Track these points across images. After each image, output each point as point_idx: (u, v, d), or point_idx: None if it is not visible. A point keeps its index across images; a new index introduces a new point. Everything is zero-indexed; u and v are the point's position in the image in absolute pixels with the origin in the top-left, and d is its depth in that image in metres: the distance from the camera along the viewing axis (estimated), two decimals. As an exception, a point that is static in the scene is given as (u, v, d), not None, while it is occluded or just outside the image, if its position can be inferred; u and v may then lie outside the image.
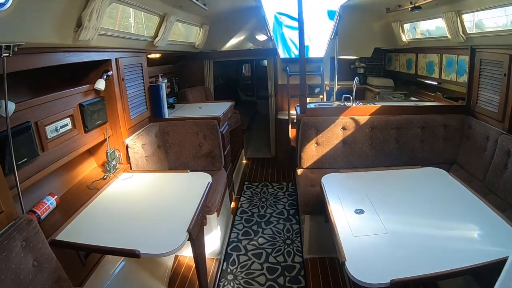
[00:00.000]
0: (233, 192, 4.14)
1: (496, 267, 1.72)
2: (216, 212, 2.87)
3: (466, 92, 3.36)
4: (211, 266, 2.93)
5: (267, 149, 5.75)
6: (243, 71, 8.65)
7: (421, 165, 2.76)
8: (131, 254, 1.75)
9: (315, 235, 3.00)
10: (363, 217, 2.10)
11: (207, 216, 2.78)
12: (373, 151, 3.30)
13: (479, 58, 3.10)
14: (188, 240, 1.90)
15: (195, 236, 2.04)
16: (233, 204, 4.03)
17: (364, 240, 1.89)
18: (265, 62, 6.06)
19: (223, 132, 3.60)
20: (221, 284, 2.81)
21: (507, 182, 2.65)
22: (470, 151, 3.16)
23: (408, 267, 1.66)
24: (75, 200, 2.27)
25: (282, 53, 5.65)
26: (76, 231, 1.96)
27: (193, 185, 2.48)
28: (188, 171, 2.71)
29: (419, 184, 2.52)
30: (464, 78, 3.54)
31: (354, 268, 1.65)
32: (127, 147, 2.83)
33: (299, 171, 3.28)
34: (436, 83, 4.40)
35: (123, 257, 2.39)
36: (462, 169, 3.16)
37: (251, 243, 3.35)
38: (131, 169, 2.84)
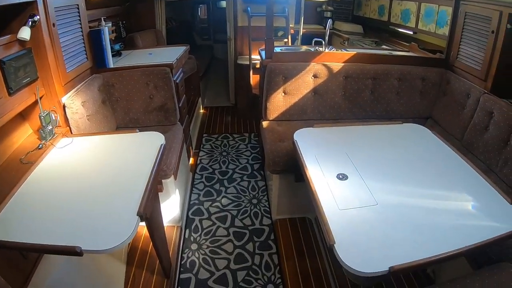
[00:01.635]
0: (191, 147, 3.77)
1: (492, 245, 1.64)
2: (173, 175, 2.52)
3: (445, 46, 3.17)
4: (172, 236, 2.63)
5: (226, 96, 5.36)
6: (199, 13, 7.97)
7: (396, 118, 2.56)
8: (71, 252, 1.37)
9: (284, 195, 2.77)
10: (348, 184, 1.83)
11: (163, 180, 2.44)
12: (346, 102, 3.03)
13: (464, 11, 2.89)
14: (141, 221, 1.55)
15: (149, 215, 1.69)
16: (191, 161, 3.68)
17: (353, 215, 1.63)
18: (223, 3, 5.52)
19: (177, 81, 3.14)
20: (185, 255, 2.54)
21: (487, 144, 2.57)
22: (447, 107, 3.02)
23: (405, 249, 1.46)
24: (6, 180, 1.80)
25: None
26: (7, 223, 1.53)
27: (143, 148, 2.07)
28: (137, 130, 2.26)
29: (402, 142, 2.30)
30: (444, 31, 3.37)
31: (346, 253, 1.40)
32: (64, 106, 2.32)
33: (265, 124, 2.95)
34: (411, 33, 4.15)
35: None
36: (437, 125, 3.04)
37: (214, 204, 3.07)
38: (71, 133, 2.34)
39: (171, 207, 2.69)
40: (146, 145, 2.08)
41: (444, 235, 1.57)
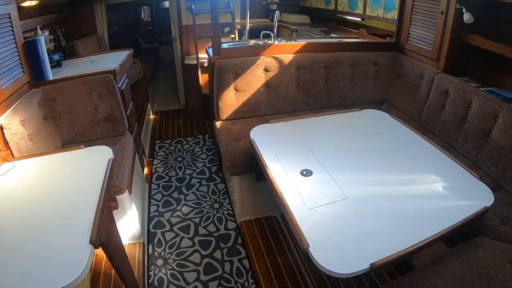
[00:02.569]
0: (144, 156, 3.55)
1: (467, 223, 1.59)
2: (127, 190, 2.31)
3: (395, 29, 3.18)
4: (134, 254, 2.43)
5: (176, 99, 5.13)
6: (142, 16, 7.59)
7: (351, 106, 2.51)
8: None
9: (246, 195, 2.65)
10: (313, 180, 1.73)
11: (117, 196, 2.23)
12: (300, 93, 2.95)
13: None
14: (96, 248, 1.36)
15: (104, 239, 1.51)
16: (146, 170, 3.45)
17: (323, 213, 1.53)
18: (166, 3, 5.28)
19: (122, 88, 2.91)
20: (151, 273, 2.36)
21: (445, 122, 2.60)
22: (401, 90, 3.04)
23: (383, 241, 1.39)
24: None
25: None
26: None
27: (91, 165, 1.85)
28: (82, 146, 2.03)
29: (362, 129, 2.25)
30: (393, 15, 3.37)
31: (322, 255, 1.29)
32: (1, 128, 2.05)
33: (218, 124, 2.79)
34: (359, 19, 4.15)
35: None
36: (393, 108, 3.07)
37: (175, 214, 2.89)
38: (12, 156, 2.06)
39: (129, 224, 2.48)
40: (93, 162, 1.86)
41: (420, 220, 1.52)
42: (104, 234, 1.52)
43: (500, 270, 1.67)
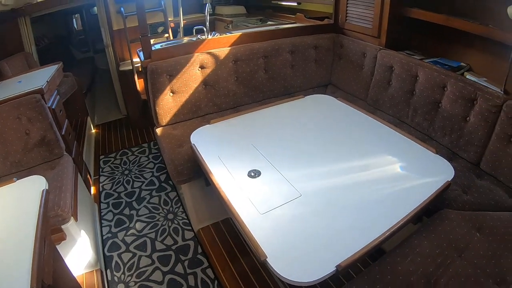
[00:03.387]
0: (89, 175, 3.28)
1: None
2: (73, 217, 2.08)
3: (333, 10, 3.14)
4: (93, 283, 2.23)
5: (116, 109, 4.83)
6: (75, 25, 7.11)
7: (296, 93, 2.41)
8: None
9: (199, 202, 2.51)
10: (262, 180, 1.61)
11: (63, 226, 2.02)
12: (240, 86, 2.81)
13: None
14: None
15: (50, 280, 1.32)
16: (93, 190, 3.19)
17: (278, 216, 1.42)
18: (96, 9, 4.94)
19: (53, 107, 2.65)
20: (115, 300, 2.15)
21: (393, 97, 2.59)
22: (345, 70, 3.01)
23: (348, 236, 1.31)
24: None
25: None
26: None
27: (25, 200, 1.60)
28: (15, 179, 1.78)
29: (309, 116, 2.17)
30: None
31: (283, 264, 1.19)
32: None
33: (159, 131, 2.61)
34: (295, 4, 4.11)
35: None
36: (339, 89, 3.05)
37: (129, 233, 2.69)
38: None
39: (82, 252, 2.26)
40: (27, 196, 1.61)
41: (383, 207, 1.46)
42: (49, 275, 1.33)
43: (470, 241, 1.66)
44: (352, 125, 2.09)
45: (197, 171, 2.25)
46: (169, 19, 4.31)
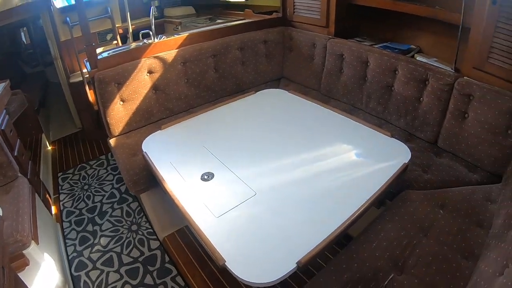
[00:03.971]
0: (48, 195, 3.13)
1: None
2: (33, 241, 1.98)
3: (280, 4, 3.14)
4: None
5: (71, 122, 4.64)
6: (23, 39, 6.76)
7: (249, 89, 2.40)
8: None
9: (161, 210, 2.46)
10: (216, 182, 1.59)
11: (24, 252, 1.91)
12: (192, 88, 2.76)
13: None
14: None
15: None
16: (54, 210, 3.04)
17: (234, 217, 1.40)
18: (43, 20, 4.72)
19: (3, 128, 2.50)
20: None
21: (346, 85, 2.62)
22: (296, 62, 3.02)
23: (307, 230, 1.31)
24: None
25: (59, 2, 4.40)
26: None
27: None
28: None
29: (262, 112, 2.16)
30: None
31: (242, 267, 1.18)
32: None
33: (112, 142, 2.52)
34: (243, 0, 4.11)
35: None
36: (292, 82, 3.06)
37: (94, 249, 2.59)
38: None
39: (48, 276, 2.15)
40: None
41: (341, 196, 1.46)
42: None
43: (434, 219, 1.68)
44: (305, 116, 2.09)
45: (154, 179, 2.17)
46: (117, 25, 4.20)
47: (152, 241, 2.54)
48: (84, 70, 3.71)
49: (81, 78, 3.80)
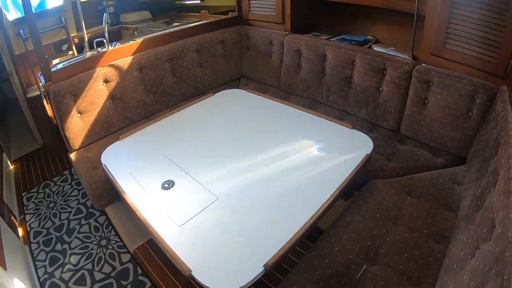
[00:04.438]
0: (13, 217, 3.01)
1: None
2: (0, 266, 1.91)
3: (236, 3, 3.12)
4: None
5: (32, 139, 4.49)
6: (-21, 55, 6.52)
7: (208, 91, 2.37)
8: None
9: (128, 221, 2.40)
10: (177, 190, 1.56)
11: None
12: (150, 95, 2.69)
13: None
14: None
15: None
16: (21, 232, 2.92)
17: (197, 224, 1.37)
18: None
19: None
20: None
21: (305, 80, 2.63)
22: (255, 60, 3.01)
23: (273, 230, 1.29)
24: None
25: (12, 13, 4.22)
26: None
27: None
28: None
29: (221, 114, 2.14)
30: None
31: (209, 275, 1.16)
32: None
33: (73, 156, 2.43)
34: (199, 1, 4.06)
35: None
36: (251, 81, 3.06)
37: (65, 269, 2.49)
38: None
39: None
40: None
41: (305, 192, 1.46)
42: None
43: (402, 206, 1.70)
44: (265, 115, 2.08)
45: (116, 192, 2.14)
46: (73, 34, 4.07)
47: (123, 254, 2.48)
48: (41, 84, 3.59)
49: (38, 92, 3.67)
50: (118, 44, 2.92)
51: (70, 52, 3.96)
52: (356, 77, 2.40)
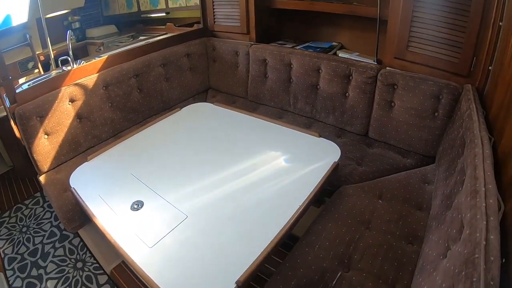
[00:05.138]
0: (-15, 244, 2.94)
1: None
2: None
3: (200, 14, 3.12)
4: None
5: (1, 161, 4.31)
6: None
7: (176, 105, 2.36)
8: None
9: (102, 242, 2.28)
10: (146, 210, 1.55)
11: None
12: (117, 112, 2.65)
13: None
14: None
15: None
16: (-5, 259, 2.86)
17: (168, 244, 1.36)
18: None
19: None
20: None
21: (272, 88, 2.67)
22: (221, 72, 3.02)
23: (243, 247, 1.30)
24: None
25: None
26: None
27: None
28: None
29: (188, 129, 2.14)
30: (195, 0, 3.36)
31: None
32: None
33: (42, 179, 2.38)
34: (164, 14, 4.05)
35: None
36: (219, 92, 3.07)
37: (42, 295, 2.42)
38: None
39: None
40: None
41: (276, 204, 1.47)
42: None
43: (373, 209, 1.72)
44: (232, 128, 2.09)
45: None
46: (38, 52, 3.99)
47: (99, 276, 2.44)
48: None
49: (4, 113, 3.58)
50: (83, 62, 2.87)
51: (36, 70, 3.89)
52: (322, 84, 2.44)
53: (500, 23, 1.71)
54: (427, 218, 1.61)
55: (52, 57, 3.92)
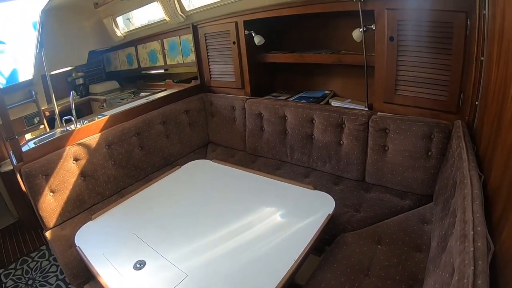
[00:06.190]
0: (-10, 297, 2.98)
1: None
2: None
3: (197, 70, 3.28)
4: None
5: (7, 213, 4.45)
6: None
7: (176, 161, 2.47)
8: None
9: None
10: (148, 270, 1.62)
11: None
12: (120, 170, 2.77)
13: (203, 33, 3.07)
14: None
15: None
16: (-1, 312, 2.90)
17: None
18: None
19: None
20: None
21: (269, 141, 2.77)
22: (220, 127, 3.14)
23: None
24: None
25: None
26: None
27: None
28: None
29: (188, 188, 2.23)
30: (192, 58, 3.48)
31: None
32: None
33: (48, 234, 2.48)
34: (163, 71, 4.25)
35: None
36: (218, 146, 3.16)
37: None
38: None
39: None
40: None
41: (272, 259, 1.53)
42: None
43: (372, 256, 1.74)
44: (229, 185, 2.18)
45: (93, 269, 2.19)
46: (43, 107, 4.19)
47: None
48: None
49: (11, 167, 3.70)
50: (85, 121, 3.03)
51: (42, 126, 4.05)
52: (316, 134, 2.54)
53: (482, 58, 1.77)
54: (426, 260, 1.60)
55: (57, 112, 4.10)
